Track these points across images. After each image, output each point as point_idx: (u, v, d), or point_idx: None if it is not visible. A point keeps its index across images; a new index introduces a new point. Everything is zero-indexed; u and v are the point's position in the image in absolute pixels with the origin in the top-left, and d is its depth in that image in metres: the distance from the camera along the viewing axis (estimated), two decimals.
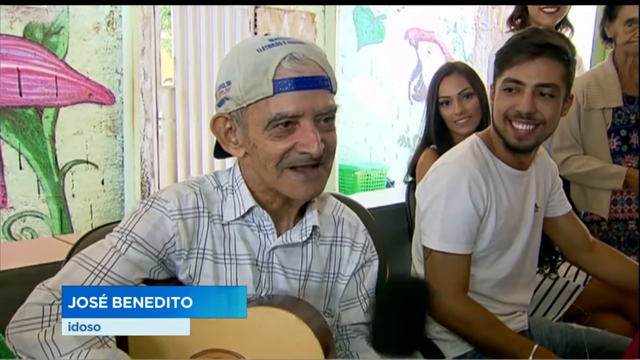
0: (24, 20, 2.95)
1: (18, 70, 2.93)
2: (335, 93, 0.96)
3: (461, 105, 1.83)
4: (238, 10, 3.95)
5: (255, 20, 4.03)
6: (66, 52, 3.09)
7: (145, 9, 3.39)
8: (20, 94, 2.95)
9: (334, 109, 0.95)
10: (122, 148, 3.36)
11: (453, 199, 1.30)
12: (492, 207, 1.32)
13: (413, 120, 5.10)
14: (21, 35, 2.94)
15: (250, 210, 0.98)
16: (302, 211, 1.04)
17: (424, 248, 1.35)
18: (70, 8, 3.08)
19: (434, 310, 1.33)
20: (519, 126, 1.27)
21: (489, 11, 5.79)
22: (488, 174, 1.33)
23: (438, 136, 1.88)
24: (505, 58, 1.29)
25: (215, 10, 3.83)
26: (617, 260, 1.50)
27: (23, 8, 2.94)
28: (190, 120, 3.79)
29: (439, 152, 1.68)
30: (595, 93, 1.96)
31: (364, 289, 1.10)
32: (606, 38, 2.02)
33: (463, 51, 5.71)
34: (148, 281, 0.95)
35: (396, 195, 2.19)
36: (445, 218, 1.30)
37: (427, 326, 1.32)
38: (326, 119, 0.94)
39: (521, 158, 1.35)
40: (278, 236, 1.01)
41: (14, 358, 0.84)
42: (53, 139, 3.09)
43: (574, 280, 1.73)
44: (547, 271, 1.69)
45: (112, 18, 3.27)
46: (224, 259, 0.98)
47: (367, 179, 4.56)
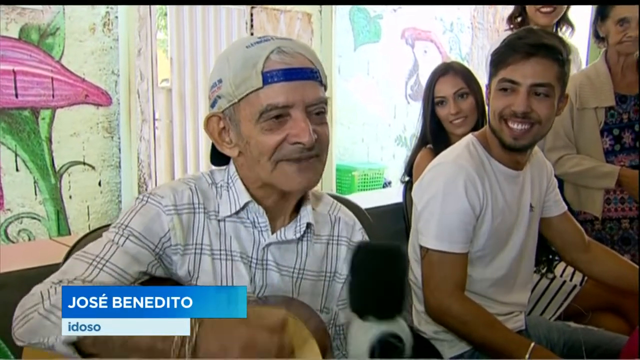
0: (20, 21, 2.94)
1: (14, 71, 2.92)
2: (325, 86, 0.97)
3: (457, 105, 1.83)
4: (234, 10, 3.95)
5: (251, 20, 4.04)
6: (62, 54, 3.09)
7: (141, 10, 3.39)
8: (16, 96, 2.94)
9: (324, 101, 0.95)
10: (119, 149, 3.35)
11: (449, 199, 1.31)
12: (488, 207, 1.33)
13: (410, 119, 5.10)
14: (17, 36, 2.93)
15: (245, 206, 0.99)
16: (298, 209, 1.04)
17: (421, 247, 1.36)
18: (66, 9, 3.07)
19: (431, 308, 1.34)
20: (515, 126, 1.29)
21: (485, 11, 5.80)
22: (484, 174, 1.34)
23: (434, 136, 1.88)
24: (500, 58, 1.30)
25: (211, 10, 3.83)
26: (613, 260, 1.51)
27: (19, 9, 2.93)
28: (187, 120, 3.79)
29: (436, 152, 1.68)
30: (588, 92, 1.97)
31: None
32: (599, 37, 2.02)
33: (459, 50, 5.72)
34: (148, 281, 0.96)
35: (393, 195, 2.19)
36: (441, 217, 1.31)
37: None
38: (317, 113, 0.94)
39: (517, 158, 1.36)
40: (272, 233, 1.01)
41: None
42: (50, 141, 3.09)
43: (571, 280, 1.73)
44: (544, 271, 1.70)
45: (108, 19, 3.27)
46: (220, 255, 0.98)
47: (365, 179, 4.57)
